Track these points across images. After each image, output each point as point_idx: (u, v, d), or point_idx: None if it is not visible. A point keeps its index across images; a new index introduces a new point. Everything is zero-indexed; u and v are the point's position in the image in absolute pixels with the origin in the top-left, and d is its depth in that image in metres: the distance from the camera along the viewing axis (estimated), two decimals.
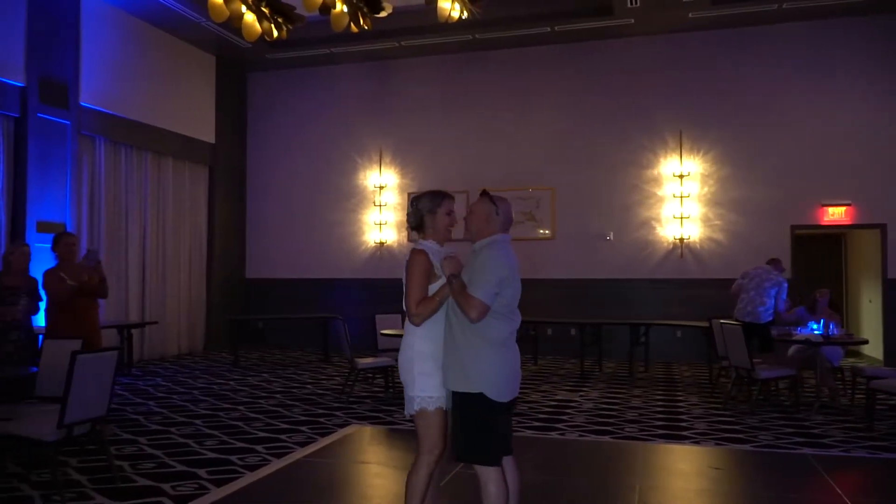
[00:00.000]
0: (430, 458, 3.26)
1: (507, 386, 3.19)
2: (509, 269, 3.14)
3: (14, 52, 8.87)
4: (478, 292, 3.04)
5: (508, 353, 3.21)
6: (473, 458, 3.18)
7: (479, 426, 3.14)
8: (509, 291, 3.15)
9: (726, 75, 11.20)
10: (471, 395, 3.12)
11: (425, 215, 3.37)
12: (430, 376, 3.24)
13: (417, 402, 3.25)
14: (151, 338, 11.25)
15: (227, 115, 12.96)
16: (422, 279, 3.21)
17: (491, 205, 3.26)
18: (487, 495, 3.14)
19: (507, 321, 3.18)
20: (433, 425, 3.26)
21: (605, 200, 11.66)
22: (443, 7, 8.10)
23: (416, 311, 3.18)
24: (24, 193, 8.96)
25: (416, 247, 3.31)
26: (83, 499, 4.38)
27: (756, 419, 6.77)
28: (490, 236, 3.24)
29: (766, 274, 7.91)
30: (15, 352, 5.52)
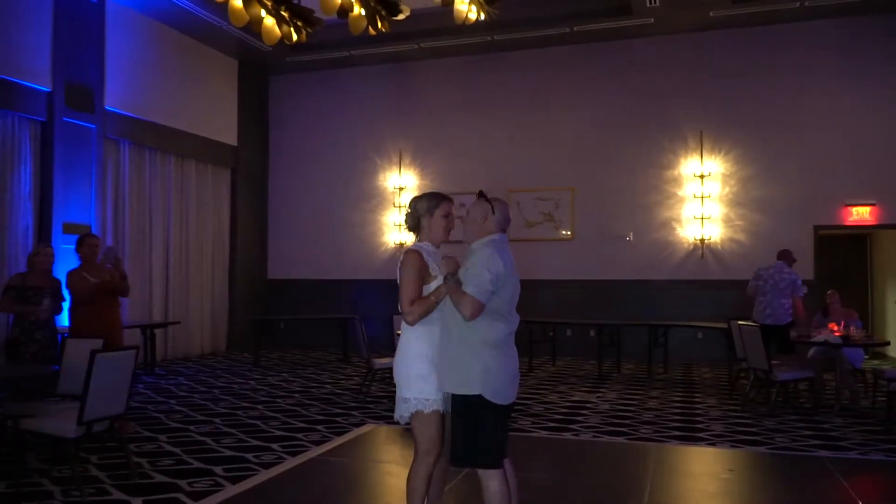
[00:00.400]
0: (427, 459, 3.27)
1: (505, 388, 3.17)
2: (505, 266, 3.12)
3: (40, 59, 9.08)
4: (471, 289, 3.05)
5: (506, 355, 3.20)
6: (474, 462, 3.19)
7: (477, 428, 3.12)
8: (507, 291, 3.14)
9: (748, 74, 11.09)
10: (469, 397, 3.12)
11: (422, 217, 3.39)
12: (427, 378, 3.24)
13: (414, 404, 3.25)
14: (175, 338, 11.43)
15: (249, 117, 13.12)
16: (415, 278, 3.22)
17: (487, 205, 3.28)
18: (490, 496, 3.14)
19: (506, 322, 3.17)
20: (430, 427, 3.26)
21: (625, 201, 11.61)
22: (459, 9, 8.15)
23: (409, 310, 3.17)
24: (50, 196, 9.17)
25: (409, 248, 3.32)
26: (102, 494, 4.48)
27: (774, 421, 6.71)
28: (487, 236, 3.26)
29: (778, 273, 7.82)
30: (39, 350, 5.67)
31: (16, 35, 8.77)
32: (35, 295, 5.68)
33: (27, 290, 5.69)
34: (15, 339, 5.61)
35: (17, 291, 5.69)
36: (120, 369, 4.72)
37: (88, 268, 6.28)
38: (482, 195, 3.35)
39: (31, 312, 5.64)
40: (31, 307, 5.64)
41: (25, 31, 8.89)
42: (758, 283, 7.98)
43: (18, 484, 4.60)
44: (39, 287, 5.73)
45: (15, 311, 5.70)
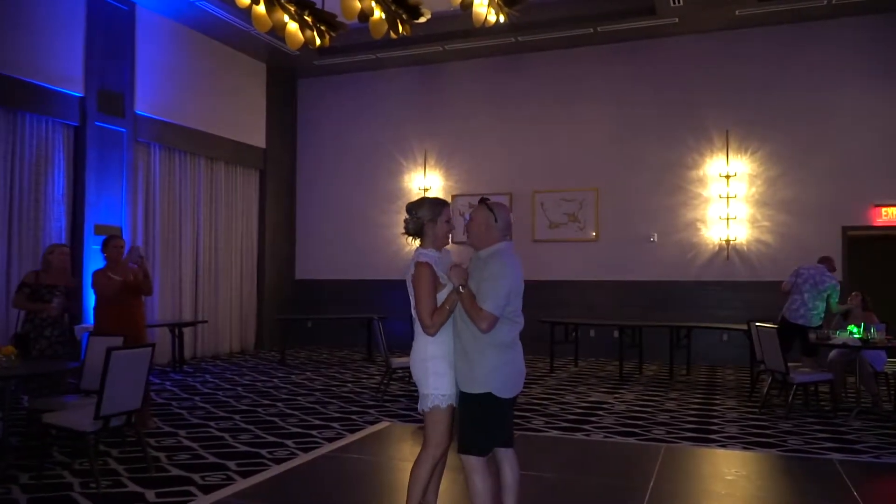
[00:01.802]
0: (435, 452, 3.43)
1: (512, 384, 3.37)
2: (514, 279, 3.29)
3: (73, 65, 9.39)
4: (488, 305, 3.19)
5: (514, 354, 3.37)
6: (472, 451, 3.33)
7: (484, 423, 3.31)
8: (517, 300, 3.32)
9: (774, 73, 10.94)
10: (478, 395, 3.29)
11: (426, 224, 3.49)
12: (443, 376, 3.40)
13: (431, 400, 3.40)
14: (205, 336, 11.71)
15: (277, 120, 13.36)
16: (431, 291, 3.35)
17: (489, 213, 3.37)
18: (473, 486, 3.29)
19: (514, 325, 3.34)
20: (442, 422, 3.42)
21: (650, 201, 11.54)
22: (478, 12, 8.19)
23: (430, 323, 3.33)
24: (83, 198, 9.48)
25: (418, 259, 3.41)
26: (118, 486, 4.66)
27: (790, 424, 6.64)
28: (493, 245, 3.36)
29: (820, 276, 7.69)
30: (48, 347, 5.87)
31: (50, 43, 9.09)
32: (48, 293, 5.89)
33: (41, 287, 5.90)
34: (25, 334, 5.82)
35: (31, 289, 5.90)
36: (136, 366, 4.90)
37: (114, 268, 6.49)
38: (484, 202, 3.44)
39: (43, 310, 5.85)
40: (43, 304, 5.85)
41: (59, 39, 9.21)
42: (796, 280, 7.84)
43: (40, 476, 4.80)
44: (53, 285, 5.94)
45: (27, 308, 5.92)
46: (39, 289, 5.90)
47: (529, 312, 11.16)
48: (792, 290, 7.90)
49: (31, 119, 8.98)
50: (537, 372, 10.06)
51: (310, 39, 8.37)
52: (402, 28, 8.32)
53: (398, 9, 8.24)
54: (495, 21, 8.49)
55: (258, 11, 7.77)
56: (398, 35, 8.29)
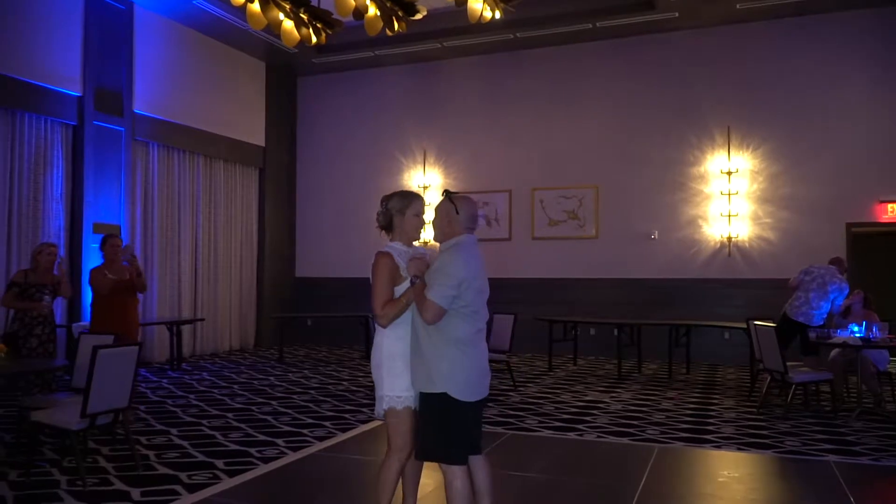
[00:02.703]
0: (400, 455, 3.32)
1: (472, 385, 3.20)
2: (468, 270, 3.15)
3: (71, 65, 9.40)
4: (432, 293, 3.08)
5: (473, 353, 3.21)
6: (437, 457, 3.22)
7: (443, 425, 3.16)
8: (469, 293, 3.15)
9: (777, 68, 10.83)
10: (435, 394, 3.15)
11: (394, 216, 3.41)
12: (399, 376, 3.29)
13: (386, 402, 3.31)
14: (204, 334, 11.72)
15: (276, 118, 13.35)
16: (387, 281, 3.26)
17: (450, 205, 3.28)
18: (453, 492, 3.17)
19: (471, 321, 3.19)
20: (402, 424, 3.31)
21: (650, 199, 11.46)
22: (473, 8, 8.13)
23: (381, 313, 3.24)
24: (81, 197, 9.50)
25: (381, 249, 3.35)
26: (104, 484, 4.64)
27: (789, 424, 6.56)
28: (454, 237, 3.27)
29: (829, 276, 7.62)
30: (39, 345, 5.88)
31: (48, 43, 9.10)
32: (37, 291, 5.90)
33: (30, 286, 5.91)
34: (14, 333, 5.83)
35: (21, 288, 5.91)
36: (123, 364, 4.89)
37: (110, 266, 6.58)
38: (447, 194, 3.36)
39: (33, 308, 5.86)
40: (33, 303, 5.86)
41: (57, 38, 9.22)
42: (805, 278, 7.79)
43: (28, 473, 4.79)
44: (42, 284, 5.95)
45: (17, 307, 5.93)
46: (29, 288, 5.90)
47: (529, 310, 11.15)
48: (798, 287, 7.83)
49: (30, 118, 8.99)
50: (535, 370, 10.01)
51: (305, 37, 8.33)
52: (398, 25, 8.26)
53: (393, 6, 8.20)
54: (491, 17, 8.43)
55: (253, 9, 7.73)
56: (394, 32, 8.24)
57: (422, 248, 3.50)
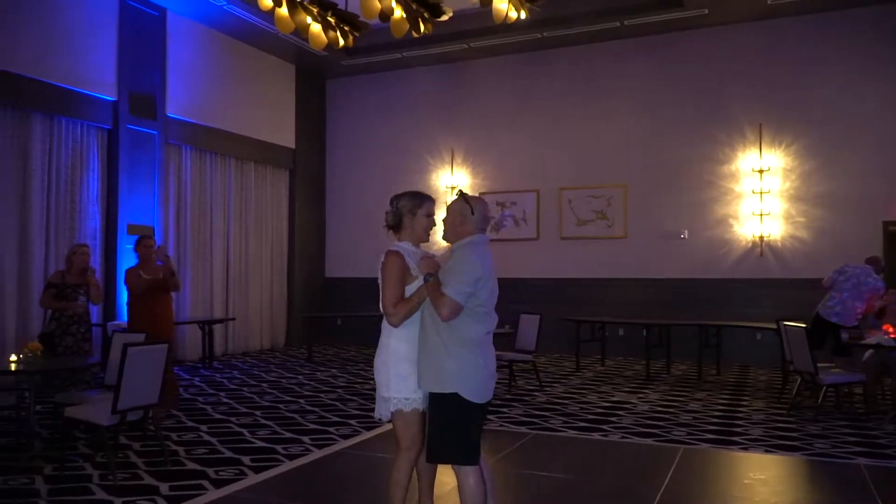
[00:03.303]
0: (409, 455, 3.33)
1: (481, 386, 3.20)
2: (483, 268, 3.16)
3: (106, 71, 9.63)
4: (449, 290, 3.08)
5: (483, 354, 3.21)
6: (449, 459, 3.22)
7: (455, 426, 3.16)
8: (484, 292, 3.17)
9: (809, 64, 10.64)
10: (445, 395, 3.16)
11: (405, 215, 3.40)
12: (407, 378, 3.28)
13: (394, 404, 3.30)
14: (236, 333, 11.91)
15: (306, 120, 13.50)
16: (398, 280, 3.26)
17: (465, 205, 3.29)
18: (467, 491, 3.17)
19: (483, 322, 3.20)
20: (410, 425, 3.31)
21: (680, 198, 11.34)
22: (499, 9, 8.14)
23: (393, 311, 3.23)
24: (116, 198, 9.72)
25: (390, 248, 3.35)
26: (135, 479, 4.76)
27: (819, 427, 6.45)
28: (467, 237, 3.29)
29: (864, 276, 7.48)
30: (74, 344, 6.04)
31: (84, 50, 9.33)
32: (72, 291, 6.07)
33: (66, 287, 6.08)
34: (51, 332, 6.00)
35: (57, 288, 6.09)
36: (152, 362, 5.00)
37: (144, 266, 6.75)
38: (461, 195, 3.38)
39: (69, 308, 6.03)
40: (69, 303, 6.03)
41: (93, 45, 9.45)
42: (839, 277, 7.66)
43: (62, 467, 4.93)
44: (77, 284, 6.12)
45: (54, 307, 6.10)
46: (65, 288, 6.07)
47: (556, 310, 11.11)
48: (832, 287, 7.71)
49: (67, 123, 9.24)
50: (562, 371, 9.98)
51: (333, 40, 8.42)
52: (424, 27, 8.29)
53: (419, 7, 8.24)
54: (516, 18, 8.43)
55: (281, 14, 7.85)
56: (420, 34, 8.28)
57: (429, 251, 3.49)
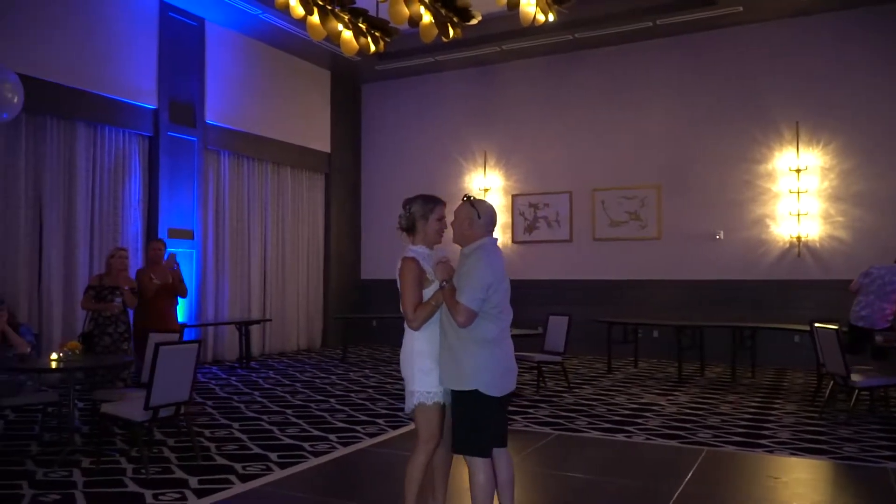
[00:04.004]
0: (427, 447, 3.47)
1: (499, 381, 3.34)
2: (494, 274, 3.29)
3: (147, 80, 9.97)
4: (463, 298, 3.22)
5: (499, 351, 3.35)
6: (468, 451, 3.35)
7: (474, 421, 3.31)
8: (497, 295, 3.30)
9: (846, 60, 10.41)
10: (465, 392, 3.30)
11: (417, 220, 3.54)
12: (429, 373, 3.43)
13: (417, 397, 3.45)
14: (273, 334, 12.17)
15: (341, 125, 13.73)
16: (415, 286, 3.40)
17: (472, 209, 3.41)
18: (476, 484, 3.31)
19: (497, 321, 3.33)
20: (431, 419, 3.45)
21: (715, 198, 11.21)
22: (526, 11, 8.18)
23: (413, 317, 3.39)
24: (156, 203, 10.05)
25: (405, 255, 3.48)
26: (166, 473, 4.95)
27: (850, 430, 6.34)
28: (476, 240, 3.40)
29: (890, 276, 7.35)
30: (111, 344, 6.30)
31: (126, 59, 9.68)
32: (110, 293, 6.33)
33: (104, 289, 6.35)
34: (90, 332, 6.27)
35: (96, 291, 6.35)
36: (183, 360, 5.20)
37: (153, 268, 7.10)
38: (467, 199, 3.48)
39: (105, 309, 6.29)
40: (106, 304, 6.29)
41: (134, 55, 9.80)
42: (865, 280, 7.56)
43: (99, 461, 5.17)
44: (114, 287, 6.37)
45: (93, 308, 6.37)
46: (103, 290, 6.34)
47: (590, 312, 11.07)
48: (859, 291, 7.57)
49: (110, 131, 9.58)
50: (593, 372, 9.97)
51: (364, 46, 8.58)
52: (454, 31, 8.39)
53: (448, 13, 8.33)
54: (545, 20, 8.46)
55: (312, 21, 8.03)
56: (449, 39, 8.38)
57: (442, 251, 3.60)
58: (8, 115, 6.31)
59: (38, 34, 8.52)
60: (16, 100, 6.19)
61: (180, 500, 4.37)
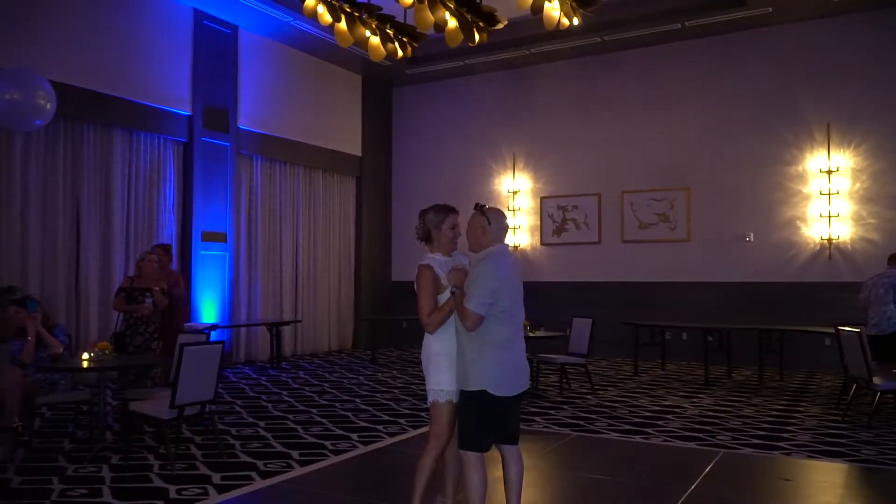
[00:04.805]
0: (437, 443, 3.63)
1: (508, 382, 3.48)
2: (500, 279, 3.42)
3: (182, 87, 10.28)
4: (470, 303, 3.37)
5: (509, 353, 3.49)
6: (470, 446, 3.49)
7: (480, 420, 3.45)
8: (506, 300, 3.43)
9: (878, 61, 10.25)
10: (474, 392, 3.44)
11: (431, 229, 3.69)
12: (443, 372, 3.60)
13: (431, 395, 3.64)
14: (305, 335, 12.42)
15: (372, 129, 13.93)
16: (430, 292, 3.56)
17: (482, 217, 3.55)
18: (470, 485, 3.47)
19: (507, 324, 3.46)
20: (442, 416, 3.61)
21: (745, 200, 11.10)
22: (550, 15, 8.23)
23: (427, 321, 3.56)
24: (191, 207, 10.35)
25: (421, 262, 3.65)
26: (191, 469, 5.15)
27: (872, 434, 6.27)
28: (487, 248, 3.53)
29: (880, 279, 7.44)
30: (143, 344, 6.53)
31: (161, 67, 10.00)
32: (140, 295, 6.56)
33: (134, 291, 6.58)
34: (122, 333, 6.51)
35: (127, 293, 6.60)
36: (207, 360, 5.40)
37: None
38: (478, 208, 3.60)
39: (137, 310, 6.53)
40: (137, 306, 6.53)
41: (169, 64, 10.12)
42: (864, 294, 7.78)
43: (128, 458, 5.39)
44: (145, 289, 6.61)
45: (124, 310, 6.60)
46: (133, 292, 6.58)
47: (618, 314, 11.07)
48: (867, 305, 7.64)
49: (146, 137, 9.91)
50: (620, 374, 9.96)
51: (391, 51, 8.72)
52: (479, 36, 8.47)
53: (474, 17, 8.42)
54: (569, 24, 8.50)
55: (340, 28, 8.20)
56: (475, 43, 8.47)
57: (462, 256, 3.72)
58: (42, 121, 6.60)
59: (76, 43, 8.87)
60: (49, 107, 6.46)
61: (202, 494, 4.56)
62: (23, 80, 6.54)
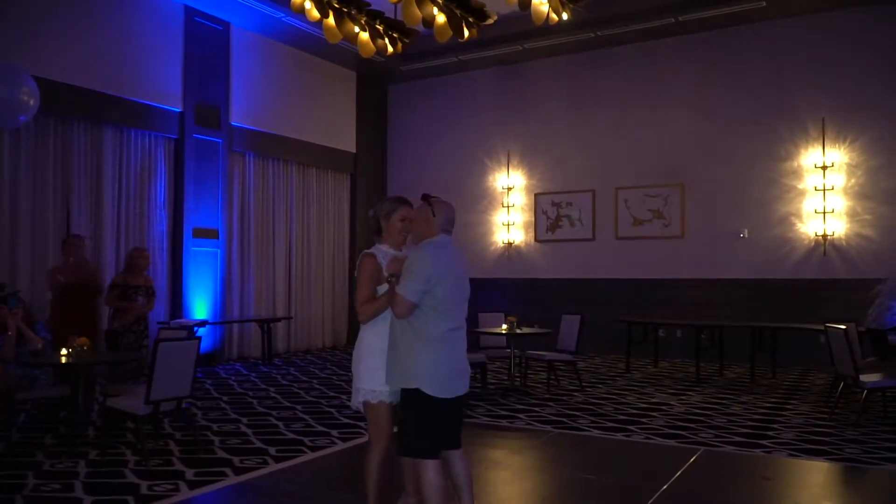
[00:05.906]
0: (378, 446, 3.52)
1: (444, 382, 3.31)
2: (436, 268, 3.27)
3: (173, 83, 10.26)
4: (401, 289, 3.25)
5: (445, 350, 3.32)
6: (412, 452, 3.36)
7: (416, 420, 3.31)
8: (440, 290, 3.27)
9: (873, 55, 10.13)
10: (409, 390, 3.31)
11: (382, 220, 3.61)
12: (376, 371, 3.45)
13: (363, 395, 3.51)
14: (298, 332, 12.40)
15: (367, 125, 13.89)
16: (368, 281, 3.47)
17: (428, 208, 3.45)
18: (426, 484, 3.30)
19: (443, 319, 3.31)
20: (378, 417, 3.50)
21: (739, 196, 11.02)
22: (539, 10, 8.19)
23: (361, 310, 3.46)
24: (182, 204, 10.34)
25: (365, 251, 3.56)
26: (166, 465, 5.14)
27: (857, 432, 6.20)
28: (430, 238, 3.44)
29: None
30: (135, 340, 6.54)
31: (152, 64, 9.98)
32: (133, 292, 6.56)
33: (127, 288, 6.58)
34: (114, 329, 6.51)
35: (120, 289, 6.59)
36: (183, 356, 5.39)
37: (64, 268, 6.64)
38: (425, 198, 3.53)
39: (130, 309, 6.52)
40: (129, 303, 6.52)
41: (160, 60, 10.09)
42: (882, 287, 7.59)
43: (105, 453, 5.39)
44: (137, 285, 6.60)
45: (117, 306, 6.60)
46: (127, 289, 6.58)
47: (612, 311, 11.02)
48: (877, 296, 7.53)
49: (136, 134, 9.89)
50: (611, 372, 9.91)
51: (381, 47, 8.70)
52: (469, 32, 8.43)
53: (463, 13, 8.37)
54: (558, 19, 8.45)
55: (329, 24, 8.18)
56: (464, 39, 8.44)
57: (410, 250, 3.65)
58: (24, 117, 6.60)
59: (66, 40, 8.85)
60: (32, 103, 6.46)
61: (173, 490, 4.55)
62: (6, 76, 6.55)
